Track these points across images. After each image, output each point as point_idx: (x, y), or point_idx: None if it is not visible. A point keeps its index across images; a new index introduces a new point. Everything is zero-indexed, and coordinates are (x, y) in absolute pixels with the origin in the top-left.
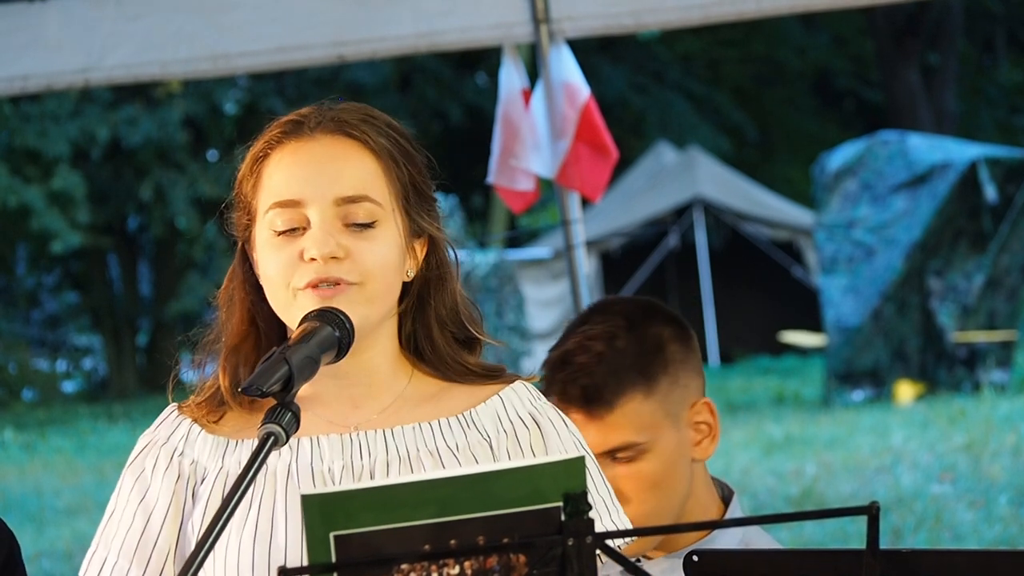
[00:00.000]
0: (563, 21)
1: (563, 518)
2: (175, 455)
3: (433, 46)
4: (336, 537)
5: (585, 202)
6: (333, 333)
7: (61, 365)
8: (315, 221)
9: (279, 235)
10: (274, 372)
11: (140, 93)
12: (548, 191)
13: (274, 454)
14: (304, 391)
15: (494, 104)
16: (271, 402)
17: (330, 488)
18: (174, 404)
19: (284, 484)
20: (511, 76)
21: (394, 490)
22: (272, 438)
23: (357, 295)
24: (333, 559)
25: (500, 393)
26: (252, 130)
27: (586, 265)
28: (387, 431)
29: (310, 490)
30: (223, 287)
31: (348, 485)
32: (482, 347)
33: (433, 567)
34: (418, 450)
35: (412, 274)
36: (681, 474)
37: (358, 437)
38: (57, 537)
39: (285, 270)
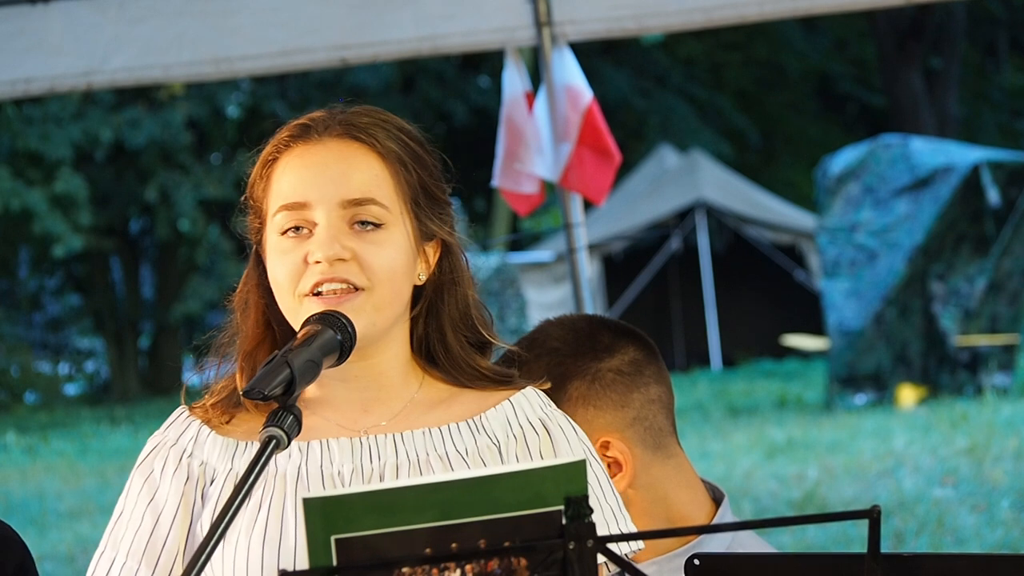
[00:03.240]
0: (565, 24)
1: (564, 522)
2: (184, 456)
3: (435, 49)
4: (337, 540)
5: (587, 205)
6: (335, 336)
7: (63, 368)
8: (321, 224)
9: (287, 239)
10: (276, 376)
11: (143, 96)
12: (551, 194)
13: (283, 456)
14: (314, 394)
15: (498, 105)
16: None
17: (331, 491)
18: (184, 406)
19: (294, 487)
20: (514, 79)
21: (395, 493)
22: (274, 441)
23: (364, 302)
24: (334, 562)
25: (511, 398)
26: (255, 133)
27: (588, 268)
28: (397, 435)
29: (311, 493)
30: (238, 290)
31: (349, 488)
32: (492, 350)
33: (434, 570)
34: (427, 454)
35: (424, 278)
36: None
37: (368, 441)
38: (59, 540)
39: (292, 275)
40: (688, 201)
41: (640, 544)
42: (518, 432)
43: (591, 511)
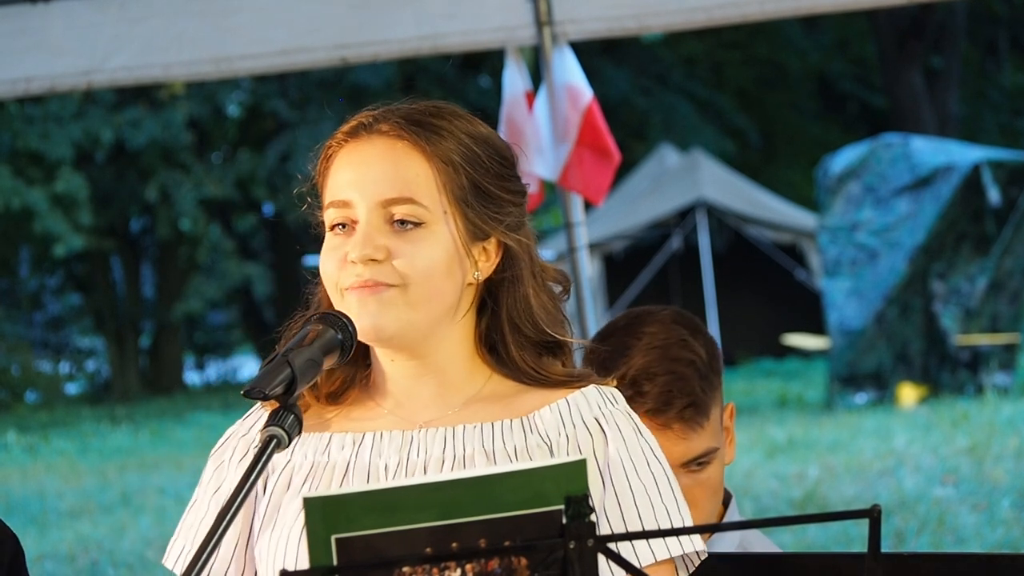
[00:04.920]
0: (566, 24)
1: (565, 521)
2: (251, 447)
3: (435, 49)
4: (337, 540)
5: (588, 204)
6: (336, 336)
7: (64, 367)
8: (360, 222)
9: (335, 235)
10: (277, 375)
11: (143, 95)
12: (551, 193)
13: (337, 447)
14: (383, 387)
15: (498, 105)
16: (351, 395)
17: (331, 491)
18: None
19: (340, 478)
20: (514, 78)
21: (396, 493)
22: (274, 441)
23: (397, 298)
24: (334, 562)
25: (568, 397)
26: (256, 132)
27: (589, 268)
28: (449, 429)
29: (311, 492)
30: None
31: (351, 487)
32: (571, 351)
33: (435, 570)
34: (474, 450)
35: (481, 277)
36: (723, 477)
37: (419, 434)
38: (60, 539)
39: (335, 271)
40: (689, 200)
41: (701, 545)
42: (571, 431)
43: (591, 510)
